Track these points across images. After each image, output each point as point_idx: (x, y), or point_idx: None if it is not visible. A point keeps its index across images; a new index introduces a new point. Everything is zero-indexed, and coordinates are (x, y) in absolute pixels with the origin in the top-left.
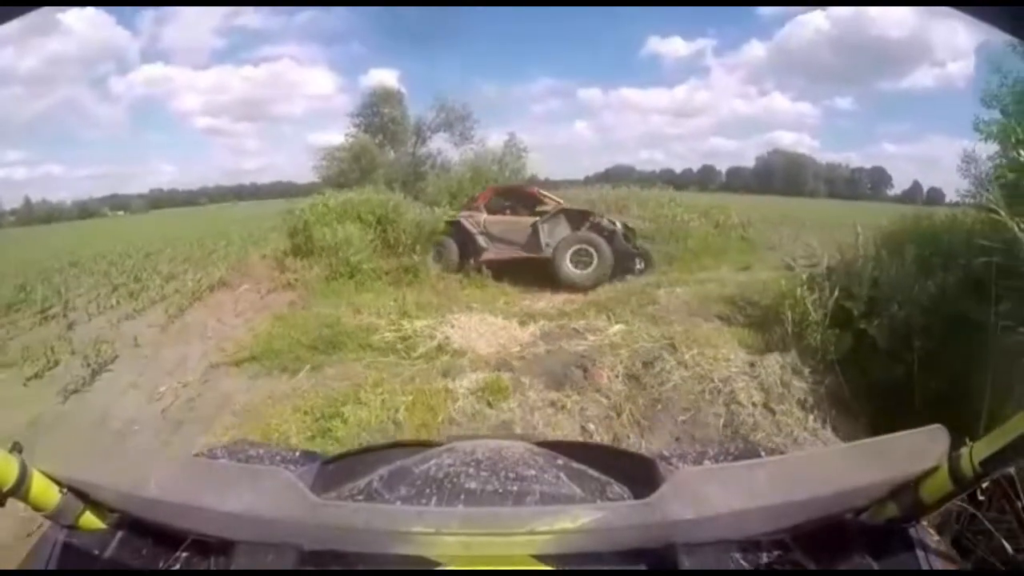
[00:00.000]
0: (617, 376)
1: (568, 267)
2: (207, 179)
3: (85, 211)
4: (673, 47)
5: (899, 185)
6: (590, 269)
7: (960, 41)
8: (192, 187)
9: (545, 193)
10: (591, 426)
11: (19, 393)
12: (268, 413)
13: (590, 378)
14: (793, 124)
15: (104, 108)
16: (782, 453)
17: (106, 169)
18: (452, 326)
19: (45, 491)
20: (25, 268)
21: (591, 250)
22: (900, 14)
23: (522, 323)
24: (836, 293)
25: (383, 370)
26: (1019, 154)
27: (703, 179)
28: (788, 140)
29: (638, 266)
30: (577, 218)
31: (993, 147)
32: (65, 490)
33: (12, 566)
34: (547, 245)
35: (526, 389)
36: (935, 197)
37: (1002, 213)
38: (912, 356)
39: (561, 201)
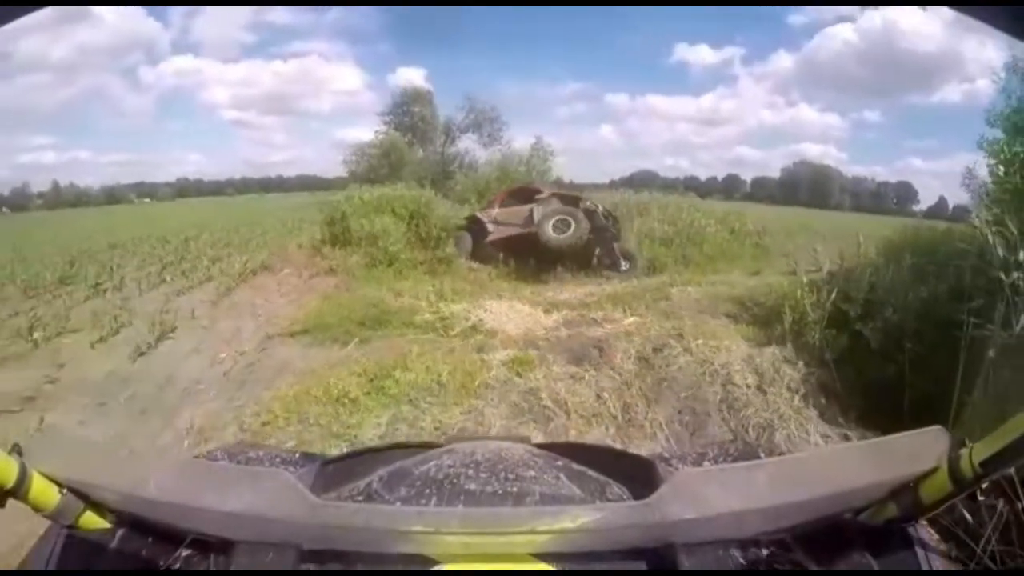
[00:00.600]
0: (629, 357)
1: (549, 232)
2: (233, 170)
3: (112, 197)
4: (701, 55)
5: (925, 200)
6: (567, 234)
7: (990, 57)
8: (219, 177)
9: (543, 188)
10: (605, 395)
11: (89, 354)
12: (326, 375)
13: (605, 358)
14: (820, 136)
15: (133, 97)
16: (781, 453)
17: (133, 156)
18: (484, 310)
19: (45, 491)
20: (66, 248)
21: (569, 219)
22: (929, 28)
23: (546, 311)
24: (834, 296)
25: (425, 344)
26: (999, 170)
27: (728, 188)
28: (815, 152)
29: (623, 266)
30: (567, 200)
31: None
32: (65, 490)
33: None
34: (538, 221)
35: (550, 364)
36: (960, 214)
37: (976, 222)
38: (903, 357)
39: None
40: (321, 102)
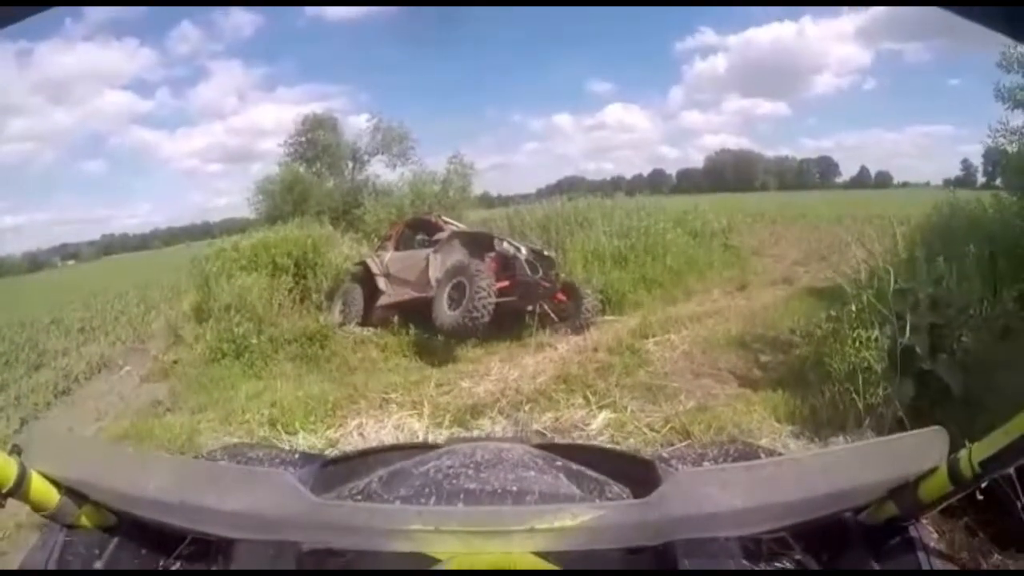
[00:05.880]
0: None
1: (443, 305)
2: (156, 221)
3: (35, 263)
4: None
5: (846, 172)
6: (460, 309)
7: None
8: (143, 231)
9: (447, 220)
10: None
11: None
12: None
13: None
14: (727, 130)
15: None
16: (780, 454)
17: (56, 215)
18: (351, 442)
19: (45, 492)
20: None
21: (464, 282)
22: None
23: (460, 423)
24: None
25: None
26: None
27: (654, 183)
28: (731, 143)
29: (585, 312)
30: (474, 244)
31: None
32: (64, 490)
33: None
34: (436, 281)
35: None
36: (883, 180)
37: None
38: None
39: (460, 225)
40: (258, 142)
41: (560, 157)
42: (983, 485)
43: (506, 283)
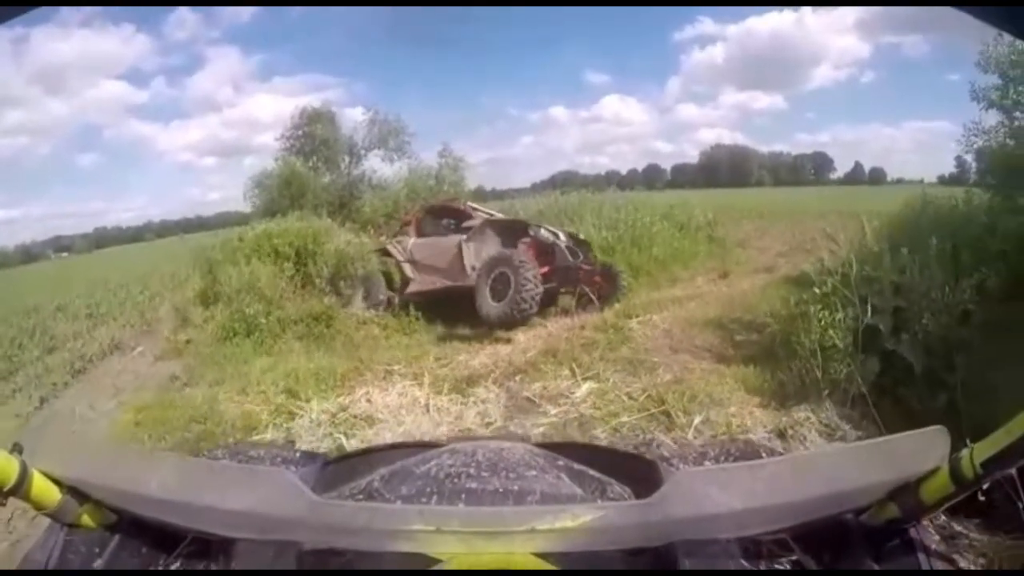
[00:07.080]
0: None
1: (486, 297)
2: (151, 214)
3: (29, 255)
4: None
5: (841, 168)
6: (505, 301)
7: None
8: (136, 223)
9: (476, 206)
10: None
11: None
12: None
13: None
14: (723, 124)
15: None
16: (782, 454)
17: (49, 210)
18: (360, 408)
19: (45, 491)
20: None
21: (507, 273)
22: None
23: (457, 391)
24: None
25: None
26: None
27: (649, 178)
28: (727, 138)
29: (621, 294)
30: (508, 231)
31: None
32: (65, 490)
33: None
34: (472, 269)
35: None
36: (877, 177)
37: None
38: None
39: (492, 213)
40: (253, 136)
41: (555, 151)
42: (984, 487)
43: (546, 269)
